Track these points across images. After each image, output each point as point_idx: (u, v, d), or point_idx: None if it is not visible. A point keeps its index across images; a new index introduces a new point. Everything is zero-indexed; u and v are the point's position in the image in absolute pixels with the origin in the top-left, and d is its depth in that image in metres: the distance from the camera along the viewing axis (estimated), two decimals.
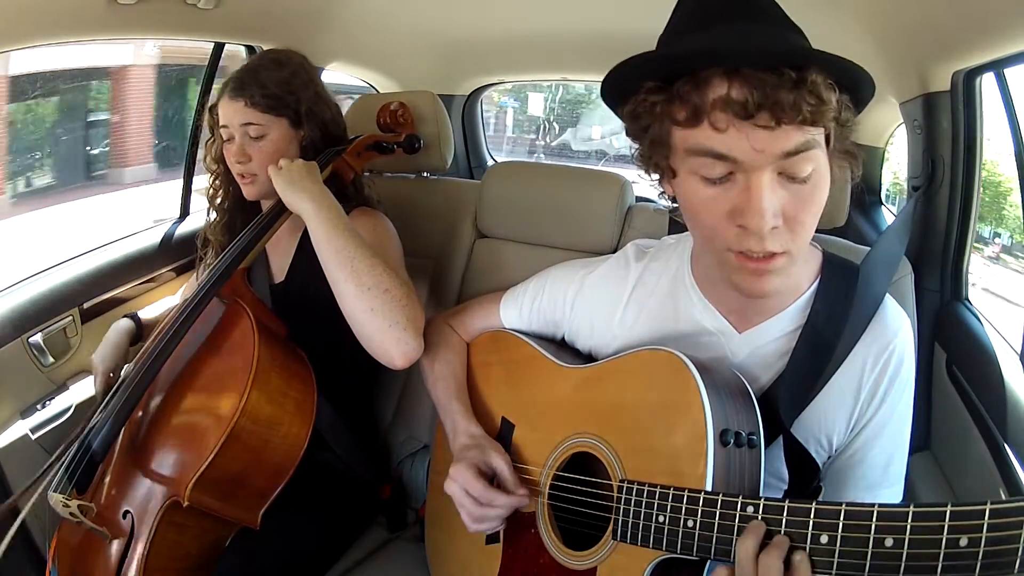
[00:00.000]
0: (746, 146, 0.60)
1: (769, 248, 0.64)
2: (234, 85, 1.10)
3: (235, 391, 0.92)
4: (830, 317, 0.77)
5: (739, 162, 0.62)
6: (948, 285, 1.28)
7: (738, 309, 0.81)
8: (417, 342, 0.94)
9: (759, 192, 0.61)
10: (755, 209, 0.62)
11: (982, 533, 0.48)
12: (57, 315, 1.29)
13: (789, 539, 0.59)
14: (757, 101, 0.58)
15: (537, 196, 1.31)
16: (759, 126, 0.59)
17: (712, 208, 0.65)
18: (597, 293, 0.93)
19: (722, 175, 0.63)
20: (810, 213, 0.65)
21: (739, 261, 0.66)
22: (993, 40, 1.04)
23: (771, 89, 0.58)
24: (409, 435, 1.30)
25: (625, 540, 0.72)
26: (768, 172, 0.62)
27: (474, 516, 0.83)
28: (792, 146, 0.61)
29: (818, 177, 0.64)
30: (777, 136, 0.60)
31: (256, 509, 0.97)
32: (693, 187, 0.66)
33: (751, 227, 0.62)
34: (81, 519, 0.91)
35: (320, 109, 1.15)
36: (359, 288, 0.93)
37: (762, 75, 0.58)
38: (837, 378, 0.77)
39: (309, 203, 0.98)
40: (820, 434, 0.79)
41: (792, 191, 0.63)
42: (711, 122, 0.61)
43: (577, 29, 1.76)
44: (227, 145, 1.12)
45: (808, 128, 0.60)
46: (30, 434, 1.21)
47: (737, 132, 0.60)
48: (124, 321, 1.20)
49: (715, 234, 0.66)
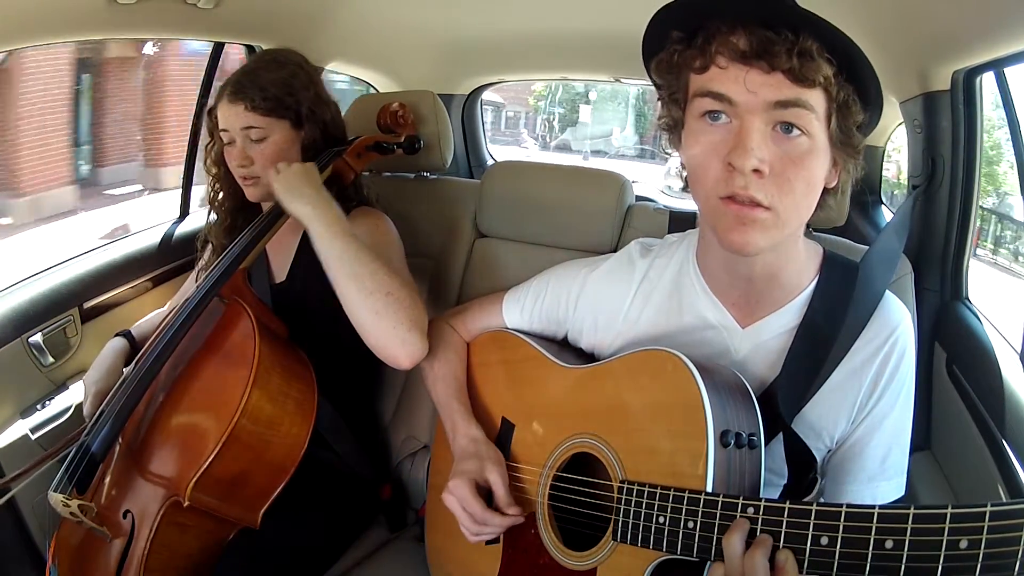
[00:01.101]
0: (742, 87, 0.65)
1: (752, 192, 0.66)
2: (233, 88, 1.09)
3: (236, 391, 0.92)
4: (830, 313, 0.78)
5: (735, 103, 0.66)
6: (948, 285, 1.28)
7: (741, 303, 0.81)
8: (422, 342, 0.95)
9: (748, 132, 0.66)
10: (742, 146, 0.65)
11: (982, 535, 0.48)
12: (57, 315, 1.29)
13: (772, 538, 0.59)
14: (755, 48, 0.64)
15: (537, 196, 1.31)
16: (755, 68, 0.65)
17: (708, 150, 0.69)
18: (600, 290, 0.93)
19: (718, 110, 0.68)
20: (799, 176, 0.67)
21: (725, 205, 0.68)
22: (993, 39, 1.04)
23: (769, 43, 0.64)
24: (409, 435, 1.30)
25: (625, 541, 0.72)
26: (760, 118, 0.66)
27: (471, 531, 0.86)
28: (783, 96, 0.65)
29: (811, 144, 0.67)
30: (770, 82, 0.65)
31: (256, 509, 0.98)
32: (696, 129, 0.71)
33: (737, 165, 0.66)
34: (81, 519, 0.91)
35: (321, 109, 1.14)
36: (362, 292, 0.93)
37: (764, 31, 0.64)
38: (837, 374, 0.78)
39: (309, 208, 0.98)
40: (821, 430, 0.80)
41: (782, 148, 0.67)
42: (715, 63, 0.67)
43: (577, 29, 1.76)
44: (228, 148, 1.11)
45: (801, 88, 0.65)
46: (30, 434, 1.21)
47: (736, 72, 0.66)
48: (118, 341, 1.16)
49: (708, 176, 0.69)
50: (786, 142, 0.66)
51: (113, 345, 1.15)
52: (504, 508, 0.85)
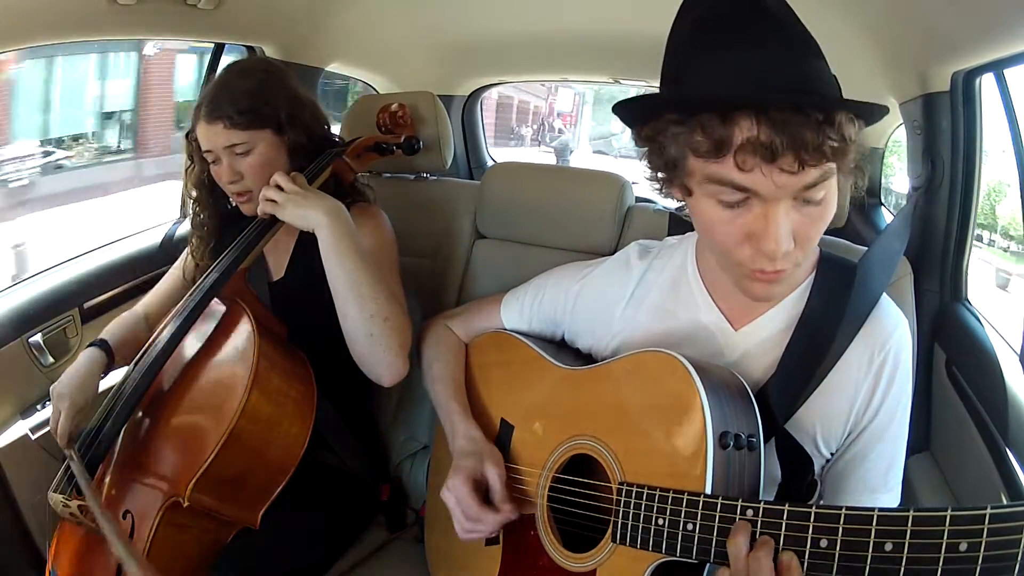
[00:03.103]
0: (769, 183, 0.62)
1: (780, 267, 0.67)
2: (208, 108, 1.06)
3: (235, 391, 0.92)
4: (825, 312, 0.78)
5: (761, 195, 0.63)
6: (948, 286, 1.28)
7: (737, 304, 0.82)
8: (406, 364, 1.00)
9: (776, 221, 0.64)
10: (771, 236, 0.64)
11: (982, 538, 0.48)
12: (57, 315, 1.29)
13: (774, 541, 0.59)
14: (783, 144, 0.59)
15: (536, 197, 1.31)
16: (783, 169, 0.61)
17: (727, 229, 0.67)
18: (599, 291, 0.93)
19: (740, 200, 0.65)
20: (820, 229, 0.68)
21: (751, 276, 0.69)
22: (993, 40, 1.04)
23: (796, 130, 0.58)
24: (409, 435, 1.30)
25: (624, 542, 0.72)
26: (786, 203, 0.64)
27: (464, 528, 0.86)
28: (812, 180, 0.62)
29: (830, 196, 0.67)
30: (799, 175, 0.61)
31: (256, 509, 0.97)
32: (709, 208, 0.67)
33: (766, 252, 0.65)
34: (81, 519, 0.91)
35: (299, 111, 1.11)
36: (362, 314, 0.96)
37: (789, 115, 0.59)
38: (832, 376, 0.78)
39: (324, 216, 0.96)
40: (816, 434, 0.79)
41: (805, 213, 0.66)
42: (737, 162, 0.61)
43: (578, 29, 1.76)
44: (214, 168, 1.09)
45: (828, 164, 0.62)
46: (30, 434, 1.20)
47: (761, 172, 0.61)
48: (94, 353, 1.07)
49: (728, 251, 0.69)
50: (809, 208, 0.65)
51: (90, 357, 1.06)
52: (499, 503, 0.85)
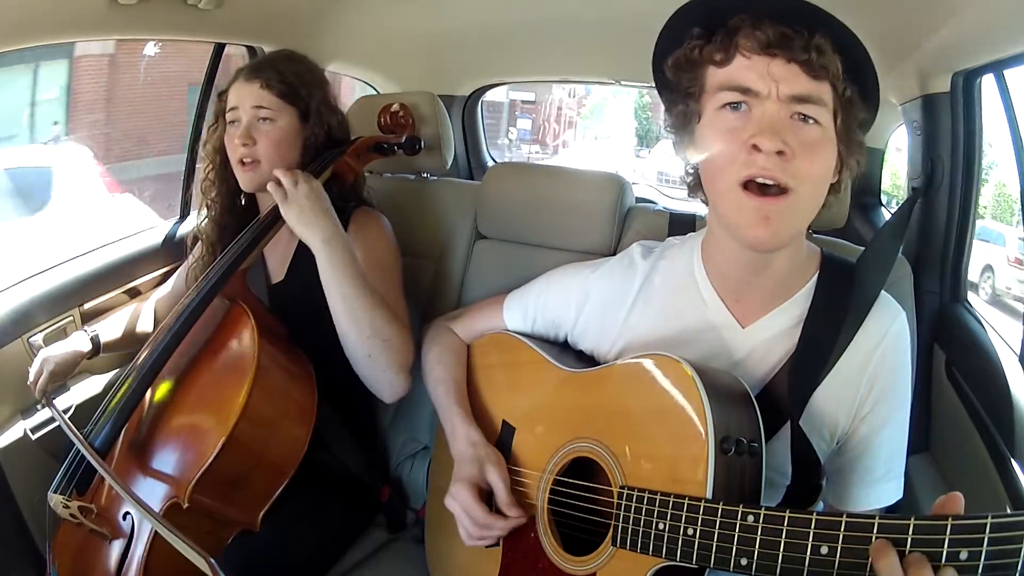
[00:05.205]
0: (765, 77, 0.70)
1: (775, 173, 0.70)
2: (250, 69, 1.12)
3: (236, 392, 0.92)
4: (830, 310, 0.79)
5: (758, 94, 0.71)
6: (947, 286, 1.28)
7: (744, 303, 0.82)
8: (407, 382, 1.02)
9: (772, 117, 0.71)
10: (769, 129, 0.70)
11: (983, 547, 0.48)
12: (57, 315, 1.29)
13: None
14: (776, 40, 0.70)
15: (537, 197, 1.31)
16: (776, 59, 0.70)
17: (732, 135, 0.72)
18: (602, 292, 0.93)
19: (740, 101, 0.72)
20: (814, 161, 0.71)
21: (747, 198, 0.71)
22: (993, 41, 1.04)
23: (787, 37, 0.70)
24: (409, 436, 1.30)
25: (625, 546, 0.72)
26: (781, 107, 0.70)
27: (472, 535, 0.86)
28: (800, 90, 0.70)
29: (823, 133, 0.72)
30: (789, 74, 0.70)
31: (256, 510, 0.98)
32: (717, 118, 0.74)
33: (763, 146, 0.69)
34: (81, 520, 0.91)
35: (327, 112, 1.15)
36: (360, 335, 0.97)
37: (781, 28, 0.70)
38: (837, 370, 0.79)
39: (321, 241, 0.98)
40: (822, 427, 0.80)
41: (799, 135, 0.71)
42: (740, 53, 0.72)
43: (578, 31, 1.76)
44: (231, 130, 1.11)
45: (815, 83, 0.70)
46: (30, 434, 1.20)
47: (759, 63, 0.71)
48: (83, 341, 1.16)
49: (730, 162, 0.72)
50: (802, 130, 0.71)
51: (77, 342, 1.15)
52: (505, 509, 0.86)
